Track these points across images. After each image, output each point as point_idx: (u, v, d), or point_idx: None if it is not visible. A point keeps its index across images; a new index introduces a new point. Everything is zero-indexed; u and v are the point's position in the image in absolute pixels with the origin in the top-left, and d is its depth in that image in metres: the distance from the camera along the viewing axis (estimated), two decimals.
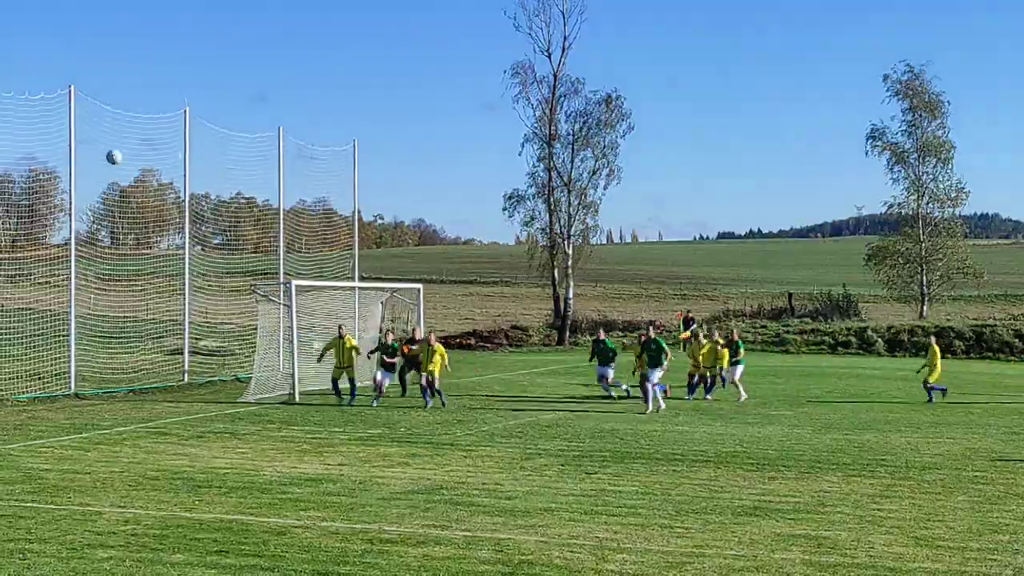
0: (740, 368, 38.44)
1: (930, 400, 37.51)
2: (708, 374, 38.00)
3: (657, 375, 33.70)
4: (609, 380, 37.61)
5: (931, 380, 38.07)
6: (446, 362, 34.82)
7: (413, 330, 39.66)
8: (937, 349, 39.02)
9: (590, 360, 39.31)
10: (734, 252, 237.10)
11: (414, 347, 35.83)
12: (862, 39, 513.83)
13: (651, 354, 33.91)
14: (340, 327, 36.60)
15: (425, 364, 34.18)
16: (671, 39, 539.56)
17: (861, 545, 15.56)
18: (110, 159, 38.56)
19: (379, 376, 35.06)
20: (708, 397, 37.39)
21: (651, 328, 37.86)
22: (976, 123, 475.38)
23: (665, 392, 34.98)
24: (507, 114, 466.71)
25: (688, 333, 63.91)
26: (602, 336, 39.34)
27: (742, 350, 39.05)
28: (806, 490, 20.09)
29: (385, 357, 35.30)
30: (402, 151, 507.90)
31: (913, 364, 58.25)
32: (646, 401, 33.07)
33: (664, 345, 34.16)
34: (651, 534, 16.12)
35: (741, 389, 37.40)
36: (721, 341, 38.76)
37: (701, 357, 38.20)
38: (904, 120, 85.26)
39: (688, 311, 75.25)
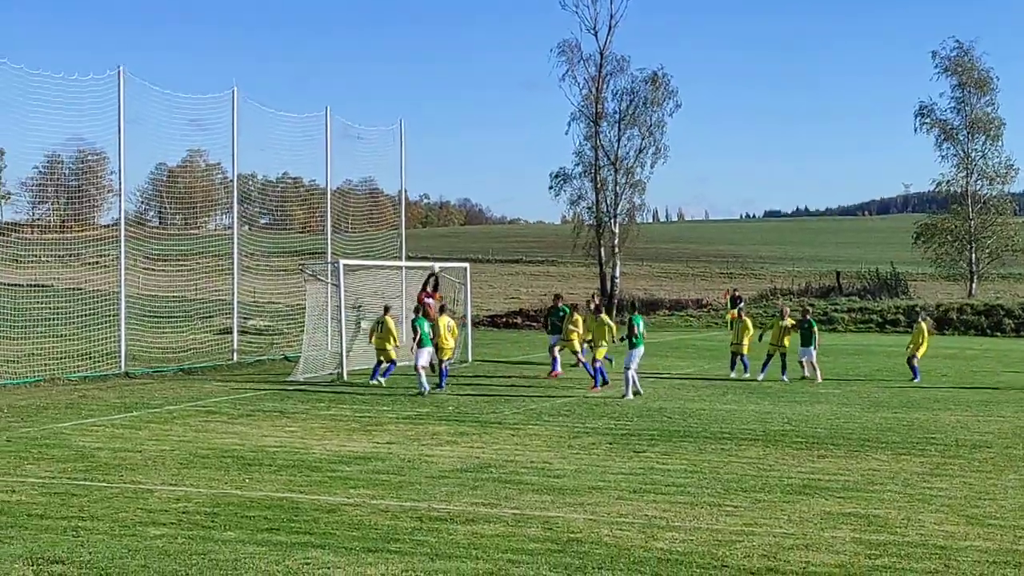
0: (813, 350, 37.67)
1: (914, 377, 36.72)
2: (777, 352, 37.05)
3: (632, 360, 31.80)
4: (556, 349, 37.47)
5: (918, 356, 37.31)
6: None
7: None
8: (924, 327, 38.22)
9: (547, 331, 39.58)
10: (781, 230, 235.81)
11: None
12: (910, 16, 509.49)
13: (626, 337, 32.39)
14: (386, 308, 36.76)
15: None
16: (716, 16, 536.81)
17: (911, 523, 15.50)
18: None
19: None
20: (760, 377, 36.57)
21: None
22: None
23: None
24: (550, 92, 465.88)
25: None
26: (559, 304, 39.40)
27: (815, 330, 37.99)
28: (855, 468, 20.02)
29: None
30: (447, 130, 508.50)
31: (962, 343, 57.96)
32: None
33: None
34: (700, 512, 16.11)
35: (817, 372, 36.85)
36: (791, 322, 37.89)
37: (770, 336, 37.63)
38: (953, 97, 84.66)
39: (735, 290, 75.04)
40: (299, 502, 16.62)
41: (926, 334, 38.04)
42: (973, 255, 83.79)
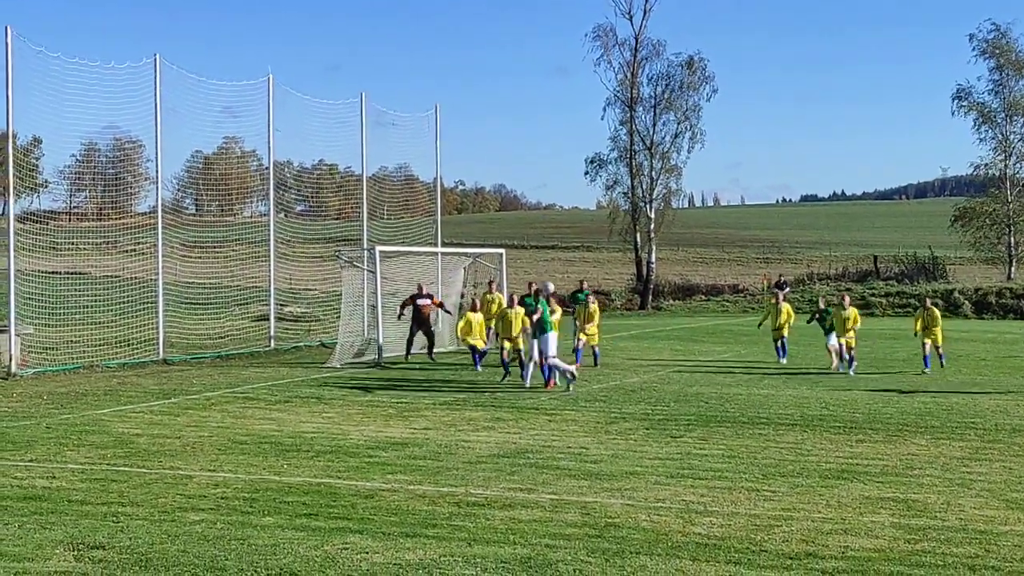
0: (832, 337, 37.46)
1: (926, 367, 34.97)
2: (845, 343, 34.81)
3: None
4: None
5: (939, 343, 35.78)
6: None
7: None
8: (936, 312, 36.78)
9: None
10: (817, 215, 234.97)
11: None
12: None
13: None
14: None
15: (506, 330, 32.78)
16: (751, 0, 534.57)
17: (951, 508, 15.42)
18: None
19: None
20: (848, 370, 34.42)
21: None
22: None
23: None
24: (584, 78, 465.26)
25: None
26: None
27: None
28: (894, 453, 19.93)
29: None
30: (481, 117, 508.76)
31: (1001, 327, 57.64)
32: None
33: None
34: (738, 497, 16.07)
35: (833, 356, 36.57)
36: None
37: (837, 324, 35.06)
38: (991, 79, 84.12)
39: (780, 276, 74.86)
40: (337, 487, 16.66)
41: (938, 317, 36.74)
42: (1012, 238, 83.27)
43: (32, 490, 16.40)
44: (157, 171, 38.89)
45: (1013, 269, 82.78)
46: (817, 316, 36.83)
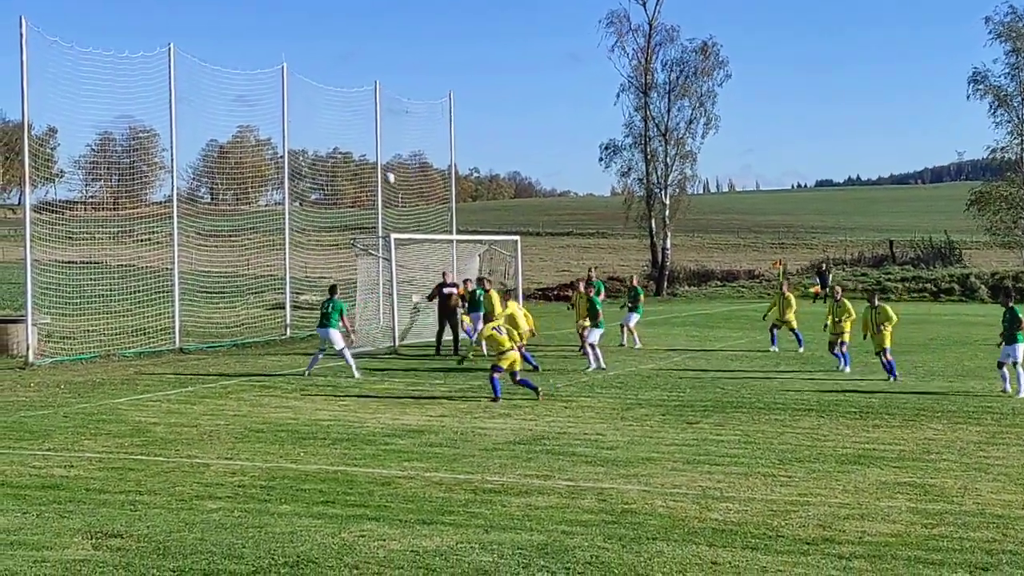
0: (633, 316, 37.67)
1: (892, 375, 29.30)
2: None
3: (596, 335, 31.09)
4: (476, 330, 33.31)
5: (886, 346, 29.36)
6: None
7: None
8: (888, 310, 30.13)
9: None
10: (832, 200, 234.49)
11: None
12: None
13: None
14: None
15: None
16: None
17: (968, 492, 15.40)
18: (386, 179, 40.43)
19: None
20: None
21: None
22: None
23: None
24: (597, 64, 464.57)
25: (817, 287, 63.07)
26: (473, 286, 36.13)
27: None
28: (911, 438, 19.90)
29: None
30: (494, 104, 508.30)
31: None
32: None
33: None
34: (754, 483, 16.06)
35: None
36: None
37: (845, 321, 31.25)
38: (1007, 63, 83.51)
39: (822, 263, 74.73)
40: (353, 475, 16.69)
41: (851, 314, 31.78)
42: None
43: (50, 479, 16.46)
44: (172, 160, 38.97)
45: None
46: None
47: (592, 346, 30.88)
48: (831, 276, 71.07)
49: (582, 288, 34.59)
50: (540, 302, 65.09)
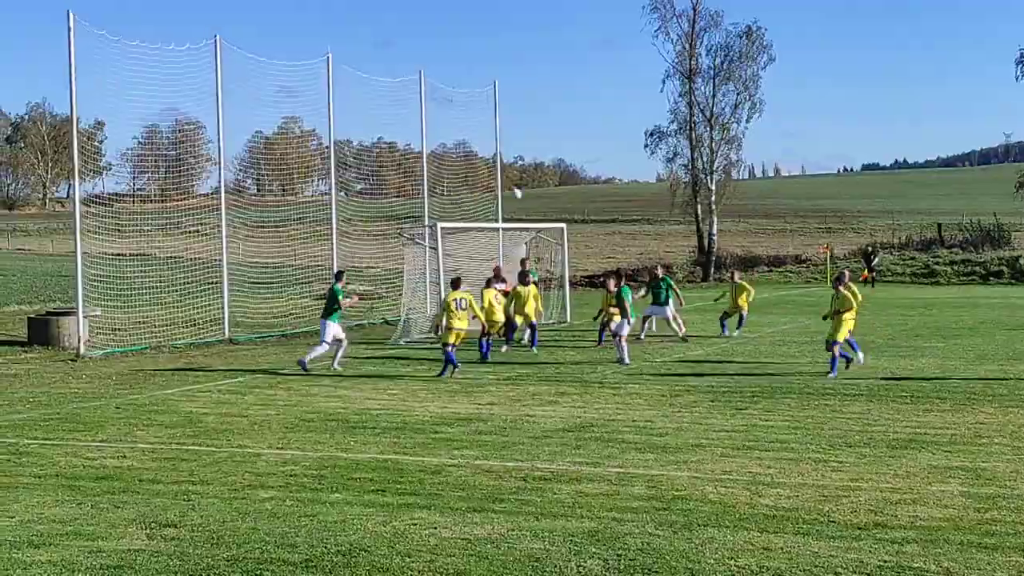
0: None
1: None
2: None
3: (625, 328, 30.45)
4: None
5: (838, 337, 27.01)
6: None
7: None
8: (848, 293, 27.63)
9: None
10: (879, 183, 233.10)
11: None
12: None
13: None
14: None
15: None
16: None
17: (1021, 476, 15.32)
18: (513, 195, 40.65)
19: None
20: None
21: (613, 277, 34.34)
22: None
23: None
24: (638, 50, 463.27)
25: (865, 272, 62.82)
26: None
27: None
28: (962, 422, 19.80)
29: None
30: (537, 91, 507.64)
31: None
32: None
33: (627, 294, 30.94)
34: (805, 468, 16.02)
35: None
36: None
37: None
38: None
39: (869, 247, 74.41)
40: (404, 463, 16.75)
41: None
42: None
43: (104, 470, 16.60)
44: (220, 152, 39.21)
45: None
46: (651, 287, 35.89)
47: (617, 336, 30.42)
48: (877, 259, 70.75)
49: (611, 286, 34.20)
50: (587, 289, 65.02)
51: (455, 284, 29.62)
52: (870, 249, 74.01)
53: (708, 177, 77.47)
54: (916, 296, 57.53)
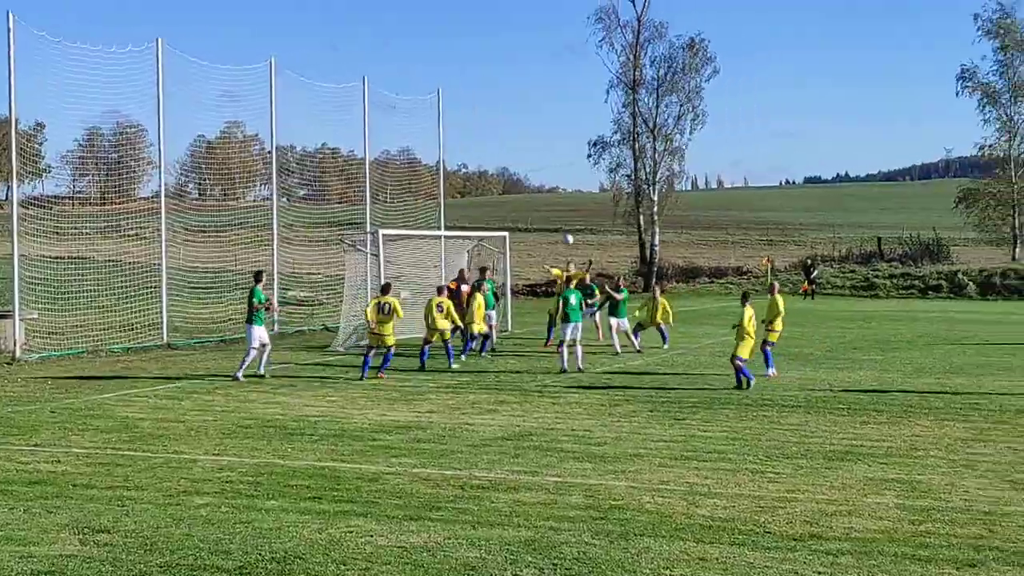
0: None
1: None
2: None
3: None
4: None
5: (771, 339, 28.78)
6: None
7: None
8: (779, 299, 29.14)
9: None
10: (821, 196, 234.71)
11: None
12: None
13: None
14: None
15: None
16: None
17: (955, 489, 15.42)
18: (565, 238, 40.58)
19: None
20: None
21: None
22: None
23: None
24: (584, 60, 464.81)
25: (807, 285, 63.43)
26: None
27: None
28: (898, 435, 19.93)
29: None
30: (482, 100, 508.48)
31: (1006, 308, 57.61)
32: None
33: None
34: (742, 479, 16.07)
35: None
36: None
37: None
38: (996, 60, 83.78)
39: (808, 259, 74.89)
40: (341, 471, 16.68)
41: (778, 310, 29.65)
42: (1016, 219, 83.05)
43: (37, 474, 16.43)
44: (160, 156, 38.89)
45: (1018, 250, 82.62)
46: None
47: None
48: (816, 272, 71.24)
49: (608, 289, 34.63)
50: (529, 298, 65.10)
51: (385, 290, 29.66)
52: (809, 262, 74.45)
53: (651, 188, 77.77)
54: (855, 309, 57.91)
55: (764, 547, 12.50)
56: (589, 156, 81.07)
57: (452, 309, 31.65)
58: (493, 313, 35.81)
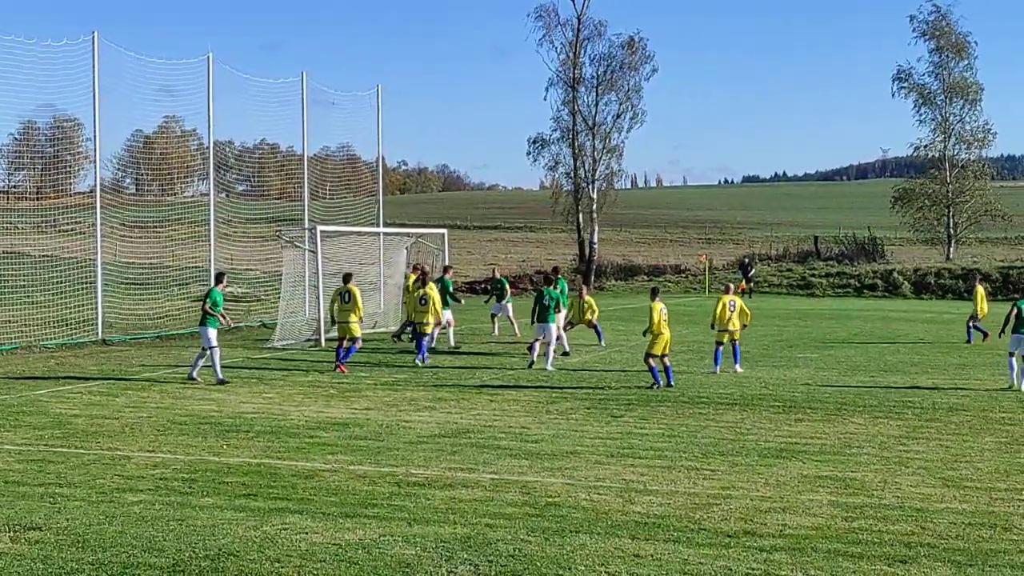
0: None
1: (968, 339, 38.20)
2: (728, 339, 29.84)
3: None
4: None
5: (978, 318, 38.62)
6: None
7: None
8: (981, 290, 39.92)
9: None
10: (759, 196, 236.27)
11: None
12: None
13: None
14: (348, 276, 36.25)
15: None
16: None
17: (888, 486, 15.56)
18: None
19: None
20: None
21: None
22: (1004, 64, 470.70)
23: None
24: (524, 58, 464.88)
25: (742, 283, 63.92)
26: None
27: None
28: (832, 432, 20.08)
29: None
30: (423, 97, 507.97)
31: (940, 307, 58.18)
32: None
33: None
34: (677, 476, 16.14)
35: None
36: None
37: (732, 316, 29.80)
38: (931, 61, 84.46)
39: (746, 258, 75.31)
40: (277, 468, 16.61)
41: (982, 297, 39.48)
42: (951, 219, 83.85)
43: None
44: (96, 150, 38.53)
45: (952, 250, 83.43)
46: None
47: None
48: (753, 271, 71.69)
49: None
50: (468, 295, 65.04)
51: (346, 279, 29.72)
52: (747, 260, 74.87)
53: (590, 186, 77.86)
54: (792, 307, 58.27)
55: (699, 544, 12.56)
56: (528, 154, 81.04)
57: (438, 302, 31.61)
58: (449, 312, 35.36)
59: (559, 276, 36.10)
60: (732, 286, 31.67)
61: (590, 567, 11.68)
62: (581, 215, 78.28)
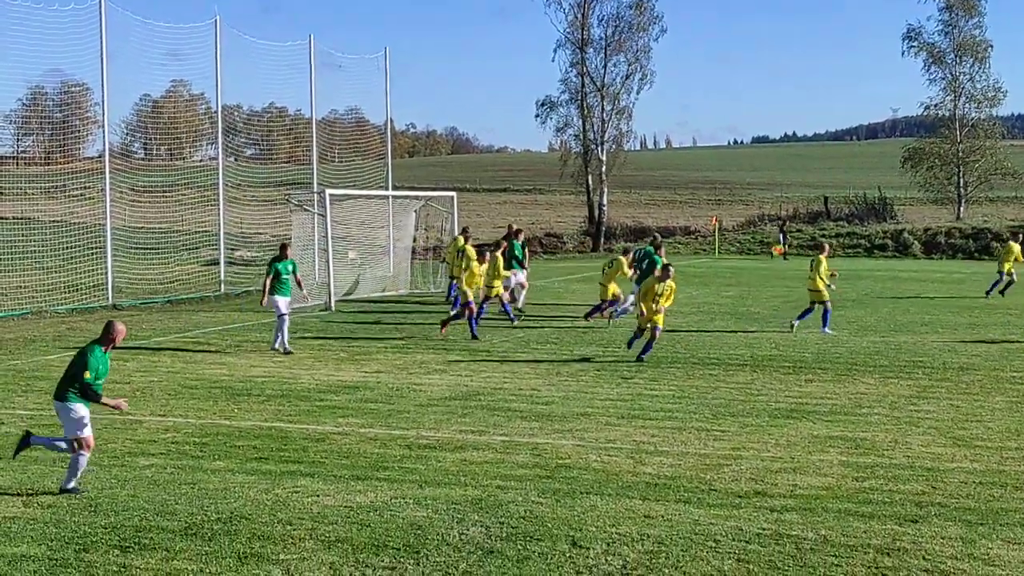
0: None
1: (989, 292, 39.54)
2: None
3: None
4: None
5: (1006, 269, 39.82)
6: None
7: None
8: (1014, 246, 40.74)
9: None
10: (769, 156, 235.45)
11: None
12: None
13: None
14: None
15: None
16: None
17: (899, 446, 15.57)
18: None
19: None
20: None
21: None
22: (1014, 22, 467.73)
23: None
24: (532, 18, 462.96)
25: (782, 247, 63.61)
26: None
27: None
28: (843, 392, 20.08)
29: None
30: (431, 59, 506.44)
31: (950, 266, 58.09)
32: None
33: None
34: (688, 437, 16.16)
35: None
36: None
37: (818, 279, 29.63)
38: (941, 20, 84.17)
39: (782, 221, 75.13)
40: (288, 431, 16.65)
41: (1015, 253, 40.44)
42: (961, 179, 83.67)
43: None
44: (104, 115, 38.48)
45: (962, 209, 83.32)
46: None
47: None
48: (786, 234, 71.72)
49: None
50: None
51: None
52: (782, 223, 74.94)
53: (599, 148, 77.69)
54: (801, 268, 58.12)
55: (709, 504, 12.59)
56: (537, 116, 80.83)
57: (500, 267, 30.55)
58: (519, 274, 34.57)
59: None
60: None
61: (601, 528, 11.70)
62: (590, 177, 78.15)
